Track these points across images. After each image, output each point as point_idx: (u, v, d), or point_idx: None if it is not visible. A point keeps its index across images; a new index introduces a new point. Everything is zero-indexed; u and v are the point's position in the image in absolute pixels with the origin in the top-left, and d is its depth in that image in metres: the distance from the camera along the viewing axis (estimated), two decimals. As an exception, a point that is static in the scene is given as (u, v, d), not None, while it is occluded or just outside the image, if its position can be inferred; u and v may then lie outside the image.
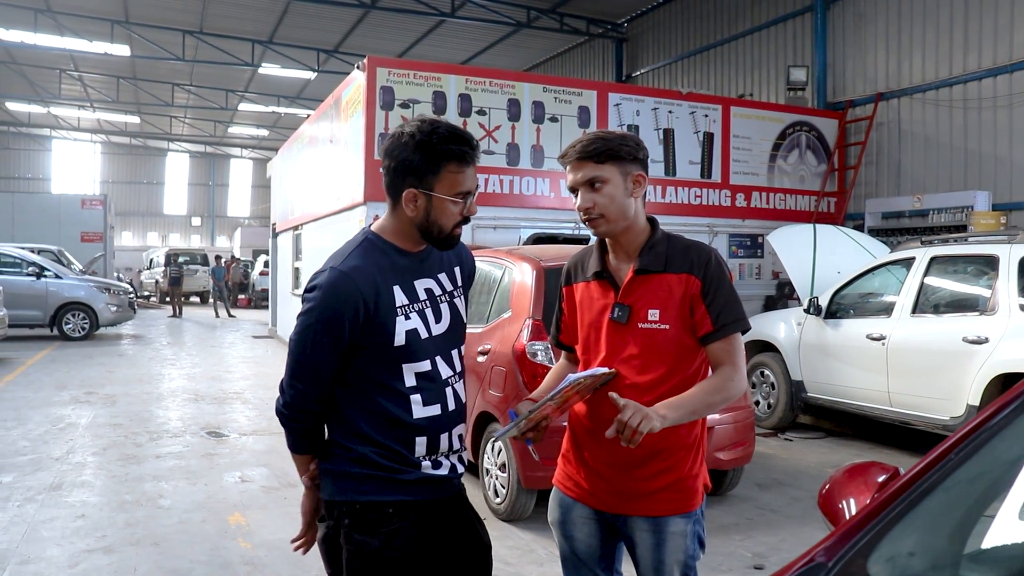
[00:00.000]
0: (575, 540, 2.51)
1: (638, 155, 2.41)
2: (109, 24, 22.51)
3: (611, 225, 2.40)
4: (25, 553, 4.78)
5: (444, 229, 2.18)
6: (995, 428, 1.48)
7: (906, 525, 1.38)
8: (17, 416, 8.82)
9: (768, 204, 13.19)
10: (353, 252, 2.18)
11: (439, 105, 11.14)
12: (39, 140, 44.87)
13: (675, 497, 2.38)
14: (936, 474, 1.45)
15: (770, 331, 8.90)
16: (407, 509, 2.17)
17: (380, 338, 2.13)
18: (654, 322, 2.36)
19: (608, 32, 21.04)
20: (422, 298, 2.22)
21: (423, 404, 2.19)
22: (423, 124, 2.14)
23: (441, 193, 2.13)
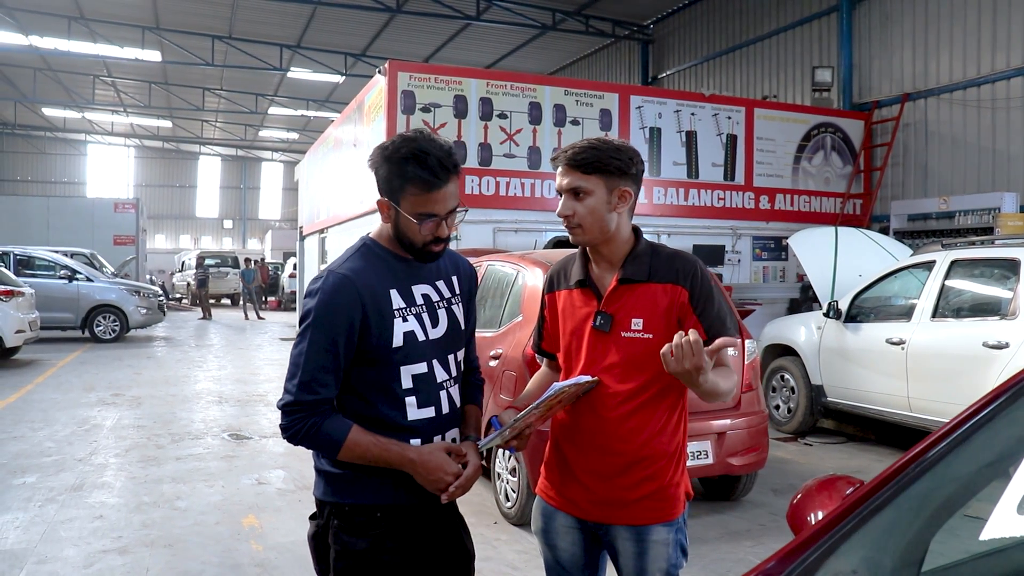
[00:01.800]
0: (558, 549, 2.52)
1: (629, 170, 2.39)
2: (140, 30, 22.86)
3: (587, 236, 2.41)
4: (43, 553, 4.88)
5: (414, 243, 2.20)
6: (951, 445, 1.48)
7: (854, 542, 1.39)
8: (45, 417, 8.99)
9: (792, 206, 13.10)
10: (352, 256, 2.24)
11: (460, 109, 11.19)
12: (75, 145, 45.54)
13: (657, 506, 2.38)
14: (890, 491, 1.45)
15: (790, 335, 8.85)
16: (396, 512, 2.21)
17: (378, 339, 2.16)
18: (637, 331, 2.37)
19: (634, 34, 21.00)
20: (419, 302, 2.26)
21: (418, 406, 2.23)
22: (399, 140, 2.17)
23: (405, 211, 2.16)
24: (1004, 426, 1.50)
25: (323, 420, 2.12)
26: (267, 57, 24.76)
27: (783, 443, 8.30)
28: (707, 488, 6.37)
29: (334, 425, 2.12)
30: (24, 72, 29.16)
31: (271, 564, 4.70)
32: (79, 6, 21.60)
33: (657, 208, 12.18)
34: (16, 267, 16.90)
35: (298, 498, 6.07)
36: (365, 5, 19.63)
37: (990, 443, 1.51)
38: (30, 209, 26.48)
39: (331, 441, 2.12)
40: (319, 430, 2.11)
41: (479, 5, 19.82)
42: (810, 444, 8.32)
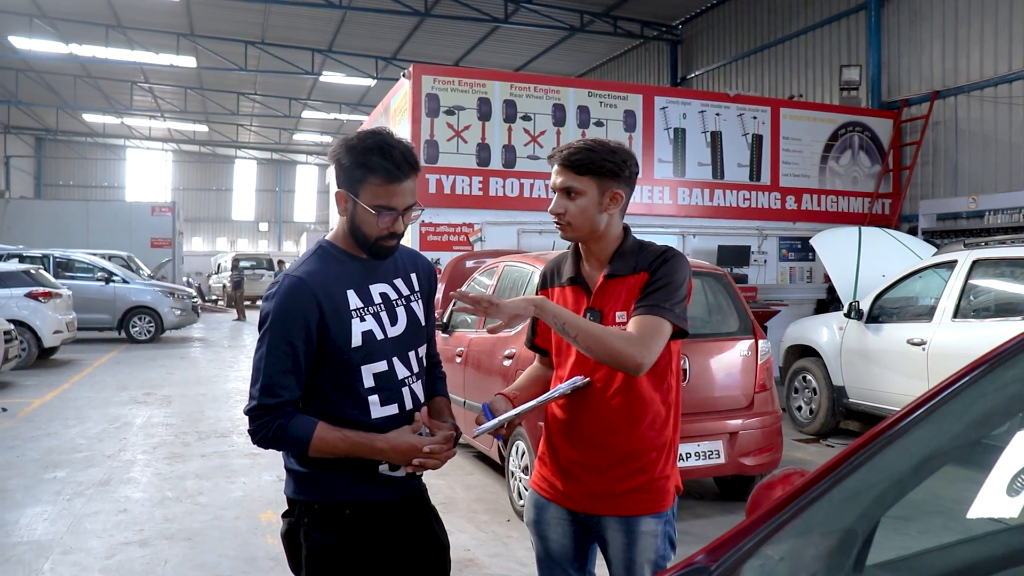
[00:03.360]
0: (549, 540, 2.58)
1: (621, 172, 2.44)
2: (175, 37, 23.29)
3: (576, 233, 2.48)
4: (68, 544, 5.06)
5: (368, 237, 2.23)
6: (888, 440, 1.52)
7: (785, 532, 1.44)
8: (78, 415, 9.22)
9: (819, 206, 13.03)
10: (308, 259, 2.28)
11: (484, 111, 11.27)
12: (114, 150, 46.34)
13: (646, 498, 2.44)
14: (827, 482, 1.50)
15: (811, 336, 8.82)
16: (364, 510, 2.26)
17: (337, 340, 2.20)
18: (621, 324, 2.42)
19: (663, 35, 20.98)
20: (376, 301, 2.29)
21: (380, 404, 2.26)
22: (363, 133, 2.22)
23: (364, 202, 2.18)
24: (941, 421, 1.55)
25: (288, 421, 2.15)
26: (299, 61, 25.08)
27: (804, 444, 8.28)
28: (721, 488, 6.39)
29: (299, 425, 2.16)
30: (65, 79, 29.78)
31: (284, 558, 4.81)
32: (116, 14, 22.03)
33: (682, 209, 12.19)
34: (55, 269, 17.30)
35: (317, 495, 6.19)
36: (394, 9, 19.80)
37: (927, 439, 1.56)
38: (70, 213, 27.03)
39: (297, 441, 2.16)
40: (285, 431, 2.15)
41: (507, 8, 19.91)
42: (832, 446, 8.29)
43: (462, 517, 5.73)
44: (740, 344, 5.88)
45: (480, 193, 11.09)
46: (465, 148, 11.19)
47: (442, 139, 11.09)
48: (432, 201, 11.06)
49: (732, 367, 5.82)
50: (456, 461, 7.32)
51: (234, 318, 26.20)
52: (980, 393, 1.57)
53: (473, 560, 4.91)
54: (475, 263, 9.00)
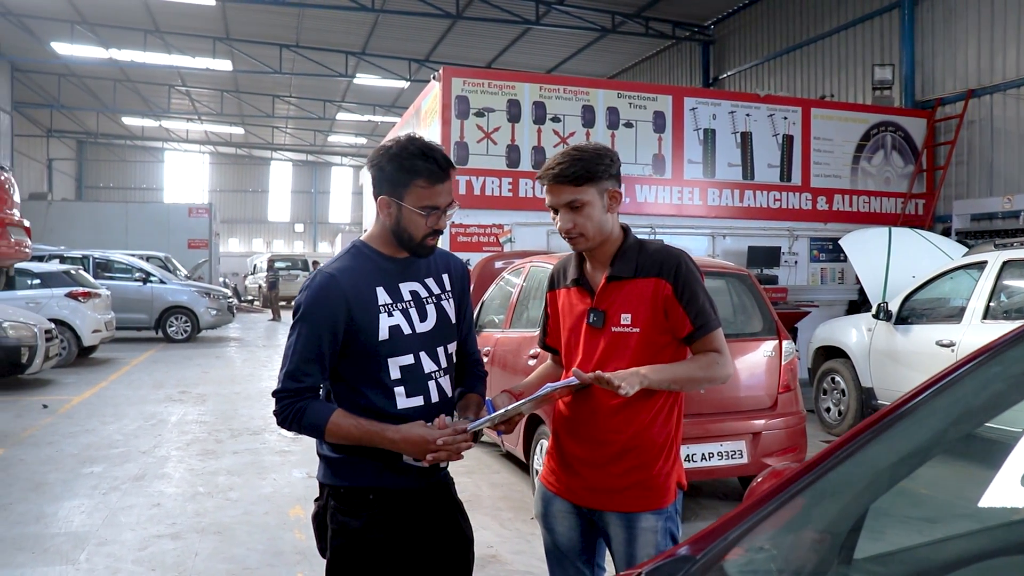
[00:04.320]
0: (556, 533, 2.65)
1: (612, 170, 2.51)
2: (211, 41, 23.65)
3: (590, 242, 2.53)
4: (103, 536, 5.21)
5: (414, 238, 2.36)
6: (873, 434, 1.57)
7: (773, 523, 1.49)
8: (115, 412, 9.43)
9: (851, 207, 12.95)
10: (341, 257, 2.42)
11: (513, 113, 11.35)
12: (152, 152, 47.04)
13: (646, 494, 2.49)
14: (814, 474, 1.55)
15: (840, 337, 8.79)
16: (388, 495, 2.37)
17: (365, 333, 2.33)
18: (626, 326, 2.49)
19: (695, 35, 20.92)
20: (406, 299, 2.41)
21: (407, 396, 2.38)
22: (402, 140, 2.35)
23: (409, 204, 2.32)
24: (925, 417, 1.59)
25: (307, 406, 2.30)
26: (333, 64, 25.34)
27: (832, 445, 8.25)
28: (745, 488, 6.40)
29: (317, 410, 2.30)
30: (105, 84, 30.36)
31: (311, 552, 4.91)
32: (154, 20, 22.42)
33: (712, 210, 12.18)
34: (95, 270, 17.66)
35: (345, 491, 6.30)
36: (426, 12, 19.95)
37: (913, 434, 1.60)
38: (109, 214, 27.53)
39: (314, 425, 2.29)
40: (304, 415, 2.29)
41: (538, 9, 19.98)
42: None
43: (487, 514, 5.81)
44: (764, 344, 5.89)
45: (510, 194, 11.16)
46: (495, 150, 11.28)
47: (472, 141, 11.19)
48: (462, 202, 11.04)
49: (756, 367, 5.84)
50: (483, 459, 7.42)
51: (269, 318, 26.47)
52: (965, 389, 1.61)
53: (496, 557, 4.98)
54: (504, 264, 9.08)
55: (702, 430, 5.56)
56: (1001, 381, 1.61)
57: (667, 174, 12.00)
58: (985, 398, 1.64)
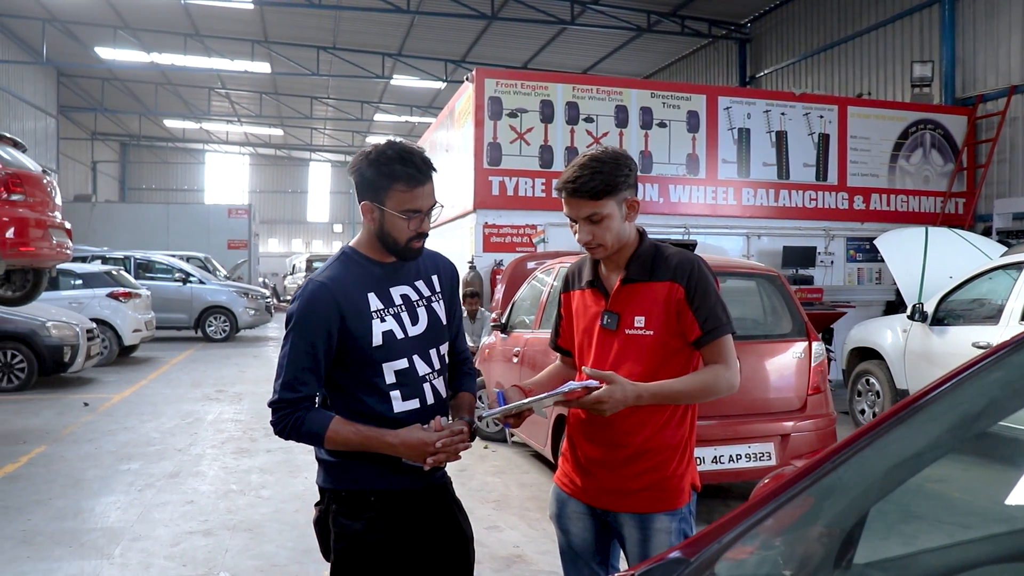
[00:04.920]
0: (571, 534, 2.66)
1: (630, 180, 2.50)
2: (250, 44, 23.98)
3: (609, 251, 2.53)
4: (137, 531, 5.33)
5: (399, 241, 2.37)
6: (873, 437, 1.57)
7: (770, 526, 1.49)
8: (153, 411, 9.60)
9: (889, 206, 12.79)
10: (331, 265, 2.43)
11: (546, 114, 11.38)
12: (193, 154, 47.73)
13: (659, 495, 2.49)
14: (814, 477, 1.55)
15: (875, 338, 8.69)
16: (388, 496, 2.39)
17: (359, 340, 2.34)
18: (639, 328, 2.49)
19: (731, 33, 20.77)
20: (397, 303, 2.43)
21: (403, 399, 2.40)
22: (380, 145, 2.37)
23: (391, 209, 2.33)
24: (925, 421, 1.59)
25: (306, 415, 2.30)
26: (370, 65, 25.53)
27: (866, 447, 8.16)
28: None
29: (315, 418, 2.30)
30: (147, 87, 30.92)
31: (340, 550, 4.99)
32: (194, 23, 22.78)
33: (747, 210, 12.10)
34: (136, 270, 17.99)
35: (375, 490, 6.37)
36: (461, 13, 20.02)
37: (912, 437, 1.60)
38: (151, 215, 27.99)
39: (313, 433, 2.30)
40: (303, 423, 2.29)
41: (573, 9, 19.96)
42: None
43: (514, 514, 5.84)
44: (794, 346, 5.85)
45: (543, 195, 11.18)
46: (528, 150, 11.31)
47: (505, 141, 11.23)
48: (495, 203, 11.20)
49: (785, 369, 5.79)
50: (514, 459, 7.46)
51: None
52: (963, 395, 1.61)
53: (521, 556, 5.01)
54: (536, 264, 9.10)
55: (730, 431, 5.53)
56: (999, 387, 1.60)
57: (701, 174, 11.95)
58: (986, 401, 1.63)
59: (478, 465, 7.29)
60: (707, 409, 5.52)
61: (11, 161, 8.53)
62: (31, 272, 9.30)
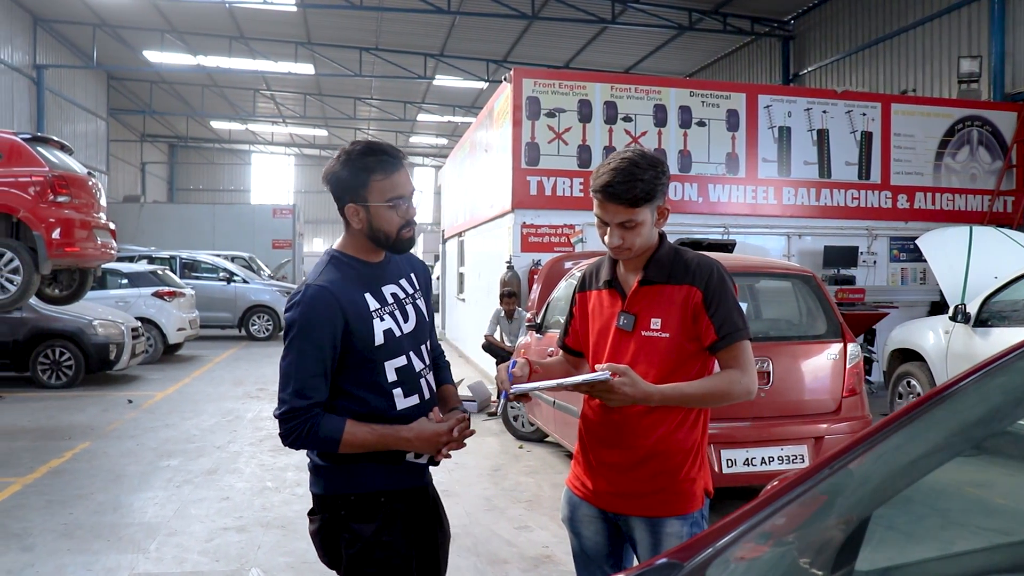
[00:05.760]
0: (583, 537, 2.66)
1: (666, 187, 2.48)
2: (293, 46, 24.30)
3: (635, 254, 2.51)
4: (173, 527, 5.43)
5: (390, 234, 2.40)
6: (876, 440, 1.56)
7: (763, 530, 1.48)
8: (195, 408, 9.77)
9: (934, 205, 12.55)
10: (325, 269, 2.42)
11: (584, 113, 11.36)
12: (239, 155, 48.39)
13: (670, 499, 2.48)
14: (813, 481, 1.54)
15: (916, 339, 8.54)
16: (396, 497, 2.42)
17: (362, 340, 2.35)
18: (655, 330, 2.48)
19: (774, 30, 20.55)
20: (390, 302, 2.45)
21: (404, 396, 2.42)
22: (346, 146, 2.41)
23: (376, 202, 2.36)
24: (925, 427, 1.57)
25: (319, 421, 2.27)
26: (412, 66, 25.70)
27: (907, 450, 8.03)
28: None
29: (330, 424, 2.28)
30: (193, 89, 31.45)
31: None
32: (238, 26, 23.11)
33: (787, 209, 11.97)
34: (182, 270, 18.33)
35: (408, 488, 6.42)
36: (502, 13, 20.06)
37: (914, 441, 1.58)
38: (197, 216, 28.47)
39: (329, 439, 2.28)
40: (317, 430, 2.26)
41: (614, 8, 19.89)
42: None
43: (545, 514, 5.84)
44: (829, 347, 5.77)
45: (581, 195, 11.15)
46: (566, 150, 11.30)
47: (543, 141, 11.23)
48: (533, 203, 11.21)
49: (819, 370, 5.73)
50: (548, 459, 7.47)
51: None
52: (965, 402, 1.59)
53: (550, 557, 5.01)
54: (573, 264, 9.09)
55: (763, 433, 5.49)
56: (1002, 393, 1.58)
57: (741, 173, 11.84)
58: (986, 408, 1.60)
59: (512, 465, 7.31)
60: (740, 411, 5.49)
61: (58, 164, 8.74)
62: (77, 272, 9.53)
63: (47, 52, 24.49)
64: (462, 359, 15.20)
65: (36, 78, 23.89)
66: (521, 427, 8.33)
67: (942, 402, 1.59)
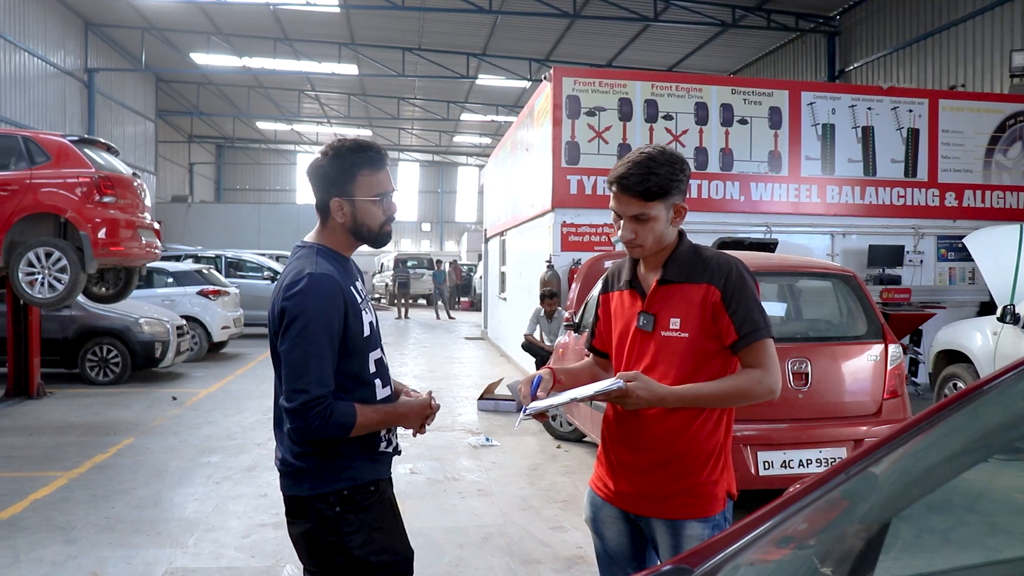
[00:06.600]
0: (606, 539, 2.64)
1: (683, 185, 2.46)
2: (337, 47, 24.57)
3: (648, 251, 2.50)
4: (212, 522, 5.51)
5: (372, 228, 2.46)
6: (895, 445, 1.52)
7: (777, 535, 1.46)
8: (237, 406, 9.90)
9: (984, 203, 12.28)
10: (318, 260, 2.41)
11: (625, 112, 11.30)
12: (285, 155, 49.03)
13: (692, 501, 2.45)
14: (825, 488, 1.51)
15: (962, 341, 8.36)
16: (381, 483, 2.48)
17: (355, 331, 2.39)
18: (675, 330, 2.45)
19: (819, 27, 20.28)
20: (363, 297, 2.50)
21: (382, 386, 2.50)
22: (333, 142, 2.45)
23: (361, 196, 2.41)
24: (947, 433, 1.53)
25: (333, 406, 2.30)
26: (455, 66, 25.81)
27: (952, 454, 7.86)
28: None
29: (342, 409, 2.32)
30: (239, 90, 31.92)
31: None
32: (283, 28, 23.40)
33: (831, 208, 11.80)
34: (227, 269, 18.56)
35: (443, 488, 6.44)
36: (543, 12, 20.04)
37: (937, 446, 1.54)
38: (243, 215, 28.88)
39: (343, 424, 2.31)
40: (331, 416, 2.29)
41: (656, 6, 19.77)
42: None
43: (580, 515, 5.79)
44: (869, 348, 5.67)
45: (621, 194, 11.06)
46: (606, 149, 11.26)
47: (583, 140, 11.20)
48: (573, 202, 11.19)
49: (859, 372, 5.63)
50: (585, 459, 7.45)
51: (395, 316, 27.03)
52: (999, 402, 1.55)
53: (583, 558, 4.99)
54: (612, 263, 9.04)
55: (802, 435, 5.41)
56: None
57: (784, 171, 11.70)
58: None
59: (549, 465, 7.30)
60: (777, 412, 5.42)
61: (104, 165, 8.92)
62: (123, 271, 9.71)
63: (98, 56, 25.02)
64: (503, 358, 15.22)
65: (87, 81, 24.41)
66: (559, 427, 8.31)
67: (974, 401, 1.55)
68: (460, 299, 32.03)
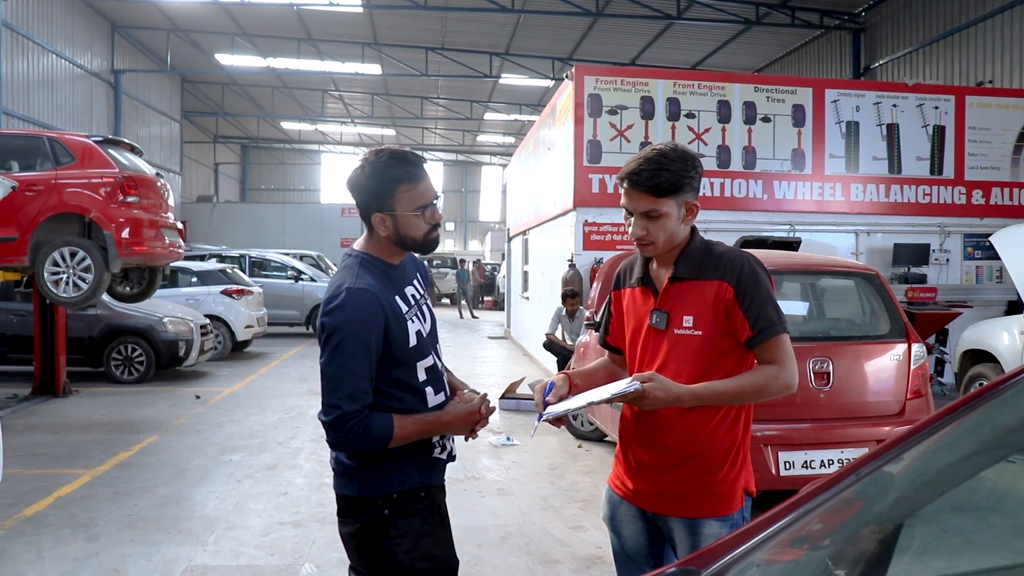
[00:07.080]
0: (623, 537, 2.63)
1: (695, 183, 2.44)
2: (360, 47, 24.63)
3: (659, 249, 2.48)
4: (232, 521, 5.54)
5: (416, 239, 2.44)
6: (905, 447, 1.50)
7: (786, 537, 1.44)
8: (259, 404, 9.96)
9: (1012, 200, 12.11)
10: (360, 272, 2.40)
11: (647, 110, 11.25)
12: (309, 155, 49.21)
13: (709, 500, 2.43)
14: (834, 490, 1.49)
15: (988, 340, 8.26)
16: (432, 490, 2.48)
17: (400, 342, 2.38)
18: (688, 328, 2.43)
19: (844, 23, 20.08)
20: (412, 304, 2.48)
21: (434, 394, 2.48)
22: (370, 156, 2.42)
23: (403, 211, 2.39)
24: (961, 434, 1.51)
25: (370, 421, 2.29)
26: (478, 65, 25.82)
27: (979, 455, 7.77)
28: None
29: (380, 422, 2.31)
30: (264, 91, 32.10)
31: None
32: (306, 28, 23.51)
33: (855, 206, 11.69)
34: (251, 268, 18.68)
35: (464, 487, 6.44)
36: (566, 11, 19.99)
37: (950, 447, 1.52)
38: (267, 215, 29.06)
39: (381, 437, 2.31)
40: (369, 431, 2.29)
41: (679, 4, 19.66)
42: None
43: (599, 515, 5.78)
44: (893, 348, 5.61)
45: (643, 192, 11.02)
46: (628, 147, 11.21)
47: (605, 139, 11.16)
48: (595, 201, 11.15)
49: (882, 372, 5.57)
50: (606, 459, 7.43)
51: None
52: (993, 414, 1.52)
53: (602, 558, 4.97)
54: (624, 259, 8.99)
55: (823, 435, 5.36)
56: None
57: (807, 169, 11.60)
58: None
59: (570, 464, 7.28)
60: (799, 411, 5.37)
61: (127, 165, 9.00)
62: (146, 270, 9.79)
63: (124, 57, 25.25)
64: (525, 357, 15.22)
65: (114, 82, 24.64)
66: (580, 426, 8.29)
67: (992, 399, 1.52)
68: (483, 298, 32.04)
